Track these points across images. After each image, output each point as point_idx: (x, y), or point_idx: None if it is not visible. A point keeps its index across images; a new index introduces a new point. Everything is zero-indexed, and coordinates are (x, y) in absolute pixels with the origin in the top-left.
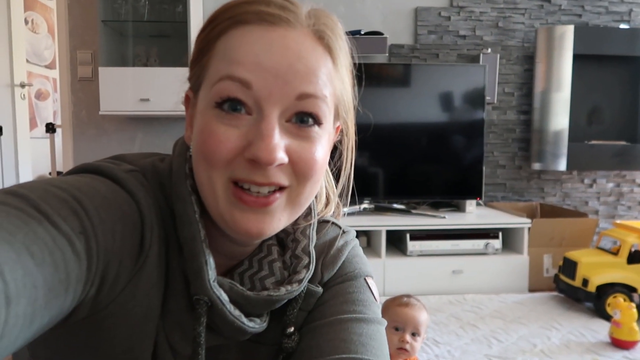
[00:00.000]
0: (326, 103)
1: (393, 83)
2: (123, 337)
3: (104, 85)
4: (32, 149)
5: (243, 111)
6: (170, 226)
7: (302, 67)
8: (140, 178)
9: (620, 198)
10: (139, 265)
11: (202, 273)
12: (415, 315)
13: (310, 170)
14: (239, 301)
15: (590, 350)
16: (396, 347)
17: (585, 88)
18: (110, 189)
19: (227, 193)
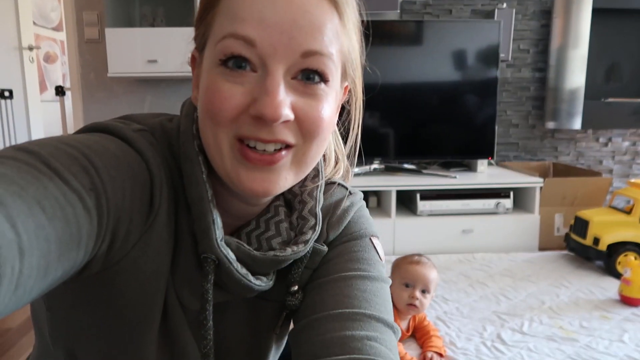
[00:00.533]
0: (332, 60)
1: (404, 41)
2: (134, 292)
3: (111, 47)
4: (43, 113)
5: (248, 68)
6: (179, 185)
7: (307, 23)
8: (149, 137)
9: (636, 157)
10: (149, 223)
11: (209, 232)
12: (425, 273)
13: (317, 128)
14: (245, 260)
15: (599, 307)
16: (406, 302)
17: (603, 44)
18: (120, 148)
19: (233, 151)
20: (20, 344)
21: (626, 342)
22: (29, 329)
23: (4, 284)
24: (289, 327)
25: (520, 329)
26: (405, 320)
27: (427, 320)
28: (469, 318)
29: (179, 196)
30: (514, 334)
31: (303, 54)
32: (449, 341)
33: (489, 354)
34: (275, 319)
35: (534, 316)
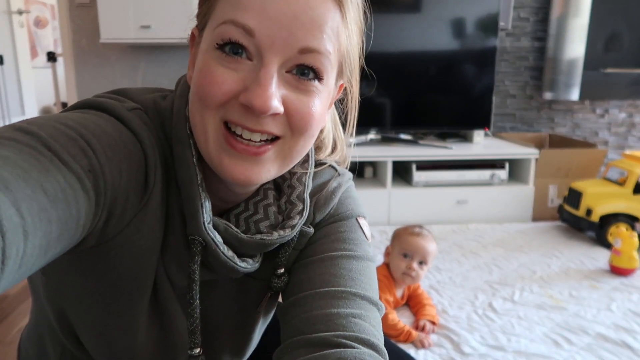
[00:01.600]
0: (329, 59)
1: (402, 8)
2: (127, 266)
3: (102, 11)
4: (34, 79)
5: (244, 55)
6: (171, 166)
7: (308, 19)
8: (144, 116)
9: (632, 129)
10: (144, 202)
11: (197, 215)
12: (424, 245)
13: (306, 124)
14: (232, 242)
15: (589, 277)
16: (402, 272)
17: (605, 13)
18: (116, 128)
19: (218, 135)
20: (19, 311)
21: (614, 311)
22: (27, 296)
23: (9, 265)
24: (275, 303)
25: (511, 298)
26: (400, 289)
27: (420, 289)
28: (461, 287)
29: (170, 177)
30: (504, 302)
31: (300, 50)
32: (441, 309)
33: (480, 321)
34: (262, 297)
35: (525, 285)
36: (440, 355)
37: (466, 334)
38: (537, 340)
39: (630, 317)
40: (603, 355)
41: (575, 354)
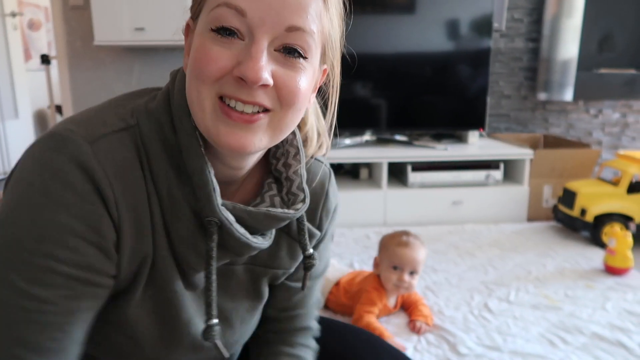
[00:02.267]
0: (313, 38)
1: (396, 10)
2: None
3: (97, 14)
4: (28, 82)
5: (236, 36)
6: (176, 157)
7: (294, 1)
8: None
9: (626, 129)
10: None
11: (211, 198)
12: (414, 256)
13: (294, 97)
14: (242, 216)
15: (584, 276)
16: (394, 284)
17: (598, 13)
18: (66, 209)
19: (214, 107)
20: None
21: (608, 311)
22: None
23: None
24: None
25: (506, 298)
26: (393, 297)
27: (415, 294)
28: (457, 288)
29: (180, 168)
30: (500, 303)
31: (287, 29)
32: (437, 310)
33: (476, 322)
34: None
35: (521, 285)
36: (436, 356)
37: (462, 335)
38: (532, 340)
39: (625, 316)
40: (598, 354)
41: (571, 353)
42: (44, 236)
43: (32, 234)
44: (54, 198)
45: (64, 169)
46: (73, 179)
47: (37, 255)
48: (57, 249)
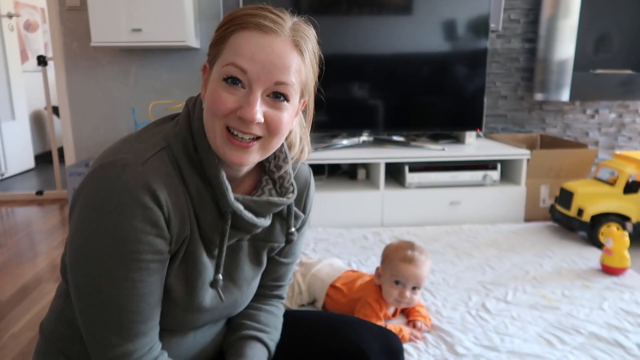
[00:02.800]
0: (294, 88)
1: (393, 11)
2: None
3: (93, 15)
4: (25, 83)
5: (240, 85)
6: (201, 167)
7: (281, 64)
8: (157, 162)
9: (622, 129)
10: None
11: (225, 195)
12: (417, 273)
13: (278, 129)
14: (250, 205)
15: (581, 276)
16: (394, 298)
17: (594, 14)
18: (146, 220)
19: (222, 135)
20: (10, 317)
21: (606, 310)
22: (19, 303)
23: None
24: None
25: (504, 298)
26: (392, 309)
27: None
28: (454, 288)
29: (202, 174)
30: (498, 303)
31: (276, 83)
32: (435, 310)
33: (474, 322)
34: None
35: (518, 286)
36: (434, 356)
37: (460, 335)
38: (530, 340)
39: (622, 315)
40: (596, 354)
41: (569, 353)
42: (127, 238)
43: (118, 239)
44: (126, 211)
45: (128, 188)
46: (136, 194)
47: (125, 252)
48: (137, 245)
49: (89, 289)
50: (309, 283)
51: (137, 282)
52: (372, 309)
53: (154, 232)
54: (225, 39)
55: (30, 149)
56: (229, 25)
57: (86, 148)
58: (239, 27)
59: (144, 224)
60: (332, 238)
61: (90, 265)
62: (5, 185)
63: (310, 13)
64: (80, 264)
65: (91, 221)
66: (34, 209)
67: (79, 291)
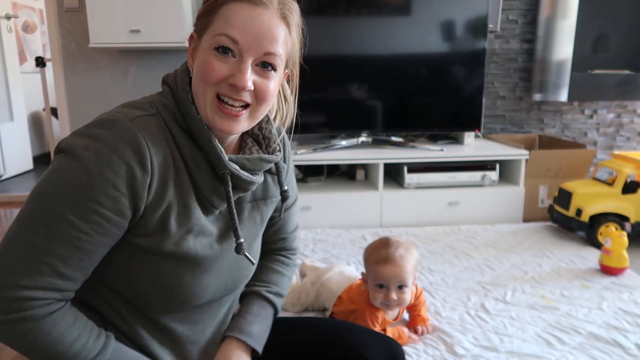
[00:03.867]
0: (280, 58)
1: (392, 11)
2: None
3: (92, 16)
4: (23, 84)
5: (230, 54)
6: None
7: (270, 35)
8: (146, 120)
9: (620, 129)
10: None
11: (221, 158)
12: (397, 272)
13: (265, 96)
14: (242, 163)
15: (580, 276)
16: (380, 302)
17: (592, 14)
18: (102, 175)
19: (213, 103)
20: None
21: (605, 310)
22: None
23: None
24: (268, 216)
25: (503, 299)
26: (392, 313)
27: (421, 296)
28: (453, 288)
29: (194, 141)
30: (497, 303)
31: (265, 53)
32: (434, 311)
33: (473, 322)
34: (268, 214)
35: (517, 286)
36: (433, 357)
37: (459, 335)
38: (529, 341)
39: (621, 315)
40: (595, 354)
41: (568, 353)
42: (93, 185)
43: (85, 183)
44: (103, 159)
45: (112, 139)
46: (121, 147)
47: (86, 198)
48: (101, 196)
49: (29, 217)
50: (318, 292)
51: (82, 233)
52: (364, 319)
53: (125, 193)
54: (215, 10)
55: (29, 150)
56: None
57: None
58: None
59: (118, 178)
60: (330, 239)
61: (44, 196)
62: (4, 186)
63: (309, 13)
64: (36, 192)
65: (66, 161)
66: None
67: (19, 216)
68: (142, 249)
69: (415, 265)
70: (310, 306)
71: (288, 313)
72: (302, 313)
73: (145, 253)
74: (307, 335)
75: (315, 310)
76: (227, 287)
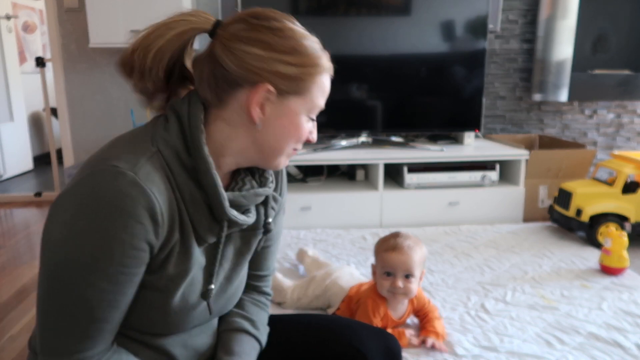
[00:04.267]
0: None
1: (392, 12)
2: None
3: (92, 16)
4: (23, 84)
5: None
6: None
7: None
8: (149, 167)
9: (620, 129)
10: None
11: (223, 206)
12: (404, 260)
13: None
14: (239, 200)
15: (580, 276)
16: (387, 290)
17: (592, 14)
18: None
19: (289, 153)
20: (10, 318)
21: (605, 310)
22: (18, 304)
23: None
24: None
25: (503, 299)
26: (397, 310)
27: (428, 304)
28: (453, 288)
29: (195, 180)
30: (497, 303)
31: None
32: None
33: (473, 322)
34: (255, 244)
35: (517, 286)
36: (433, 357)
37: (459, 336)
38: (529, 341)
39: (621, 316)
40: (595, 354)
41: (568, 353)
42: (115, 252)
43: (107, 251)
44: (118, 223)
45: (121, 199)
46: (130, 206)
47: (112, 264)
48: (124, 259)
49: (62, 293)
50: (327, 287)
51: (116, 293)
52: (365, 308)
53: (143, 247)
54: (311, 79)
55: (29, 150)
56: (314, 66)
57: (85, 149)
58: (322, 70)
59: (134, 238)
60: (330, 239)
61: (70, 271)
62: (4, 186)
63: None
64: (58, 267)
65: (79, 228)
66: (32, 210)
67: (49, 293)
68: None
69: (423, 259)
70: (314, 301)
71: (287, 310)
72: (303, 312)
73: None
74: (305, 331)
75: (317, 308)
76: (214, 314)
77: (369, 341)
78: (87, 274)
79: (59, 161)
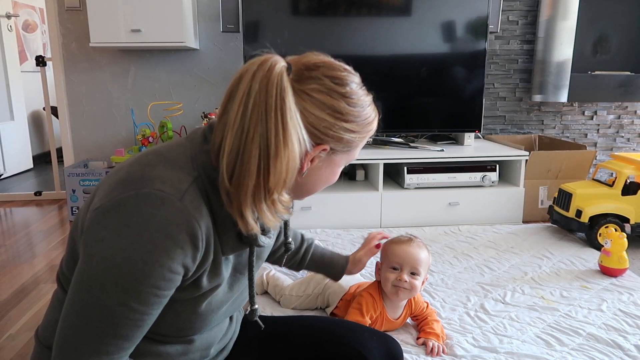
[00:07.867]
0: None
1: (392, 12)
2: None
3: (92, 15)
4: (23, 83)
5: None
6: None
7: None
8: (193, 192)
9: (620, 130)
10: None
11: (257, 237)
12: (413, 253)
13: None
14: (264, 226)
15: (579, 277)
16: (392, 283)
17: (592, 15)
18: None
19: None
20: (9, 317)
21: (604, 311)
22: (17, 303)
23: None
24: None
25: (503, 299)
26: (395, 309)
27: (426, 308)
28: (453, 289)
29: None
30: (496, 304)
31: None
32: None
33: (472, 323)
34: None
35: (517, 286)
36: (432, 358)
37: (458, 336)
38: (529, 341)
39: (620, 317)
40: (594, 355)
41: (567, 354)
42: (152, 274)
43: (143, 272)
44: (160, 248)
45: (166, 225)
46: (175, 233)
47: (146, 286)
48: (160, 282)
49: (92, 308)
50: (326, 286)
51: (143, 313)
52: (359, 301)
53: (179, 271)
54: (360, 142)
55: (29, 149)
56: (368, 132)
57: (85, 149)
58: (371, 133)
59: (173, 262)
60: (330, 239)
61: (105, 288)
62: (4, 185)
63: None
64: (94, 283)
65: (119, 247)
66: (32, 209)
67: (80, 306)
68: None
69: (428, 264)
70: (313, 300)
71: (287, 312)
72: (302, 312)
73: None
74: (306, 333)
75: (317, 309)
76: (231, 312)
77: (371, 344)
78: (122, 293)
79: (59, 160)
